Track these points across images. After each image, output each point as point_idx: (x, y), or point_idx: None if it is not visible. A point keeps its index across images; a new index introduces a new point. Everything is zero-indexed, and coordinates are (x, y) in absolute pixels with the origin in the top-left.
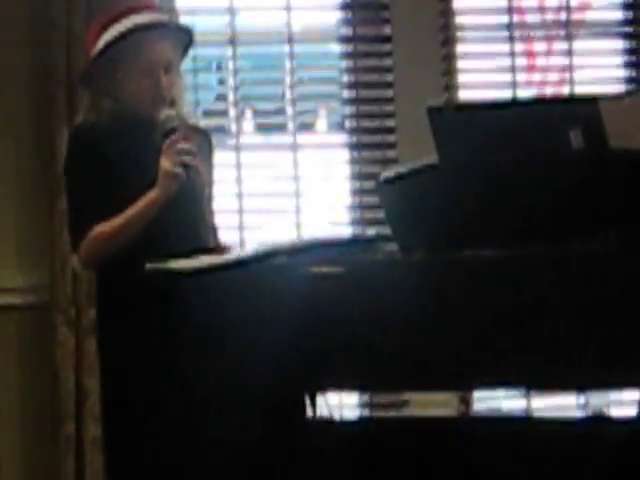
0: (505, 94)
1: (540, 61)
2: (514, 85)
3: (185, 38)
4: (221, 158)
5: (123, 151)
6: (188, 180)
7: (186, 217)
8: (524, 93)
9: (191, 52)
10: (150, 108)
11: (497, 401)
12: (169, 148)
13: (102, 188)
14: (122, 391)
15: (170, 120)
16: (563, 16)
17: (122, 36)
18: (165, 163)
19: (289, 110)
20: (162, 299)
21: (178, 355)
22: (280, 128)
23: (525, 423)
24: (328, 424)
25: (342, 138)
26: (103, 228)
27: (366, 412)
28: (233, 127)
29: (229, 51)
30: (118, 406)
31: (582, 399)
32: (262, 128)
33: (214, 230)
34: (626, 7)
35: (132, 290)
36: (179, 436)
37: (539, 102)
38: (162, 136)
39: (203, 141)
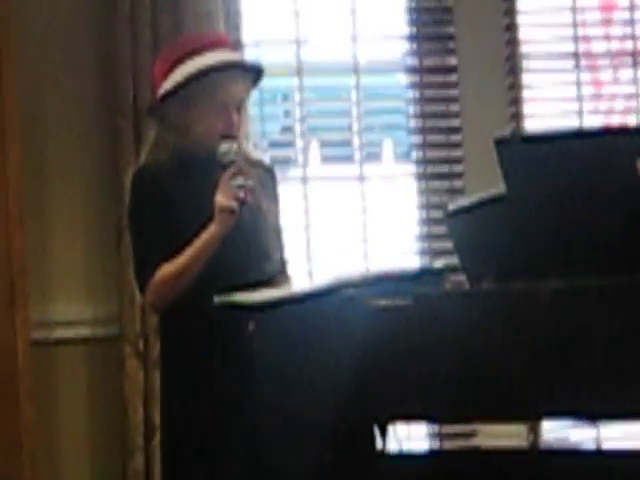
0: (571, 123)
1: (606, 90)
2: (580, 114)
3: (255, 74)
4: (287, 190)
5: (184, 190)
6: (248, 215)
7: (245, 252)
8: (590, 122)
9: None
10: (216, 143)
11: (566, 430)
12: (225, 182)
13: (164, 230)
14: (187, 425)
15: (228, 154)
16: (629, 44)
17: (199, 74)
18: (220, 198)
19: (355, 141)
20: (231, 332)
21: (248, 388)
22: (346, 159)
23: (595, 456)
24: (398, 456)
25: (409, 168)
26: (166, 269)
27: (435, 442)
28: (299, 158)
29: (295, 82)
30: (182, 442)
31: None
32: (328, 159)
33: (283, 263)
34: None
35: (199, 324)
36: (245, 472)
37: (606, 132)
38: (222, 168)
39: (266, 175)
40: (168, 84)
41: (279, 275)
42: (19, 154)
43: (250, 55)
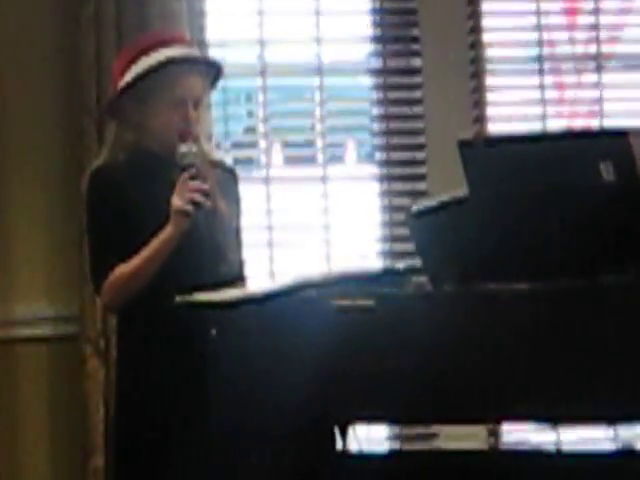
0: (535, 127)
1: (570, 94)
2: (544, 118)
3: (214, 72)
4: (250, 190)
5: (141, 191)
6: (204, 217)
7: (200, 254)
8: (554, 126)
9: (221, 83)
10: (176, 142)
11: (526, 433)
12: (181, 185)
13: (120, 230)
14: (141, 424)
15: (187, 156)
16: (593, 48)
17: (153, 69)
18: (176, 200)
19: (319, 142)
20: (191, 331)
21: (206, 387)
22: (310, 160)
23: (555, 457)
24: (358, 457)
25: (372, 170)
26: (121, 270)
27: (395, 444)
28: (262, 159)
29: (259, 83)
30: (135, 442)
31: (612, 432)
32: (291, 160)
33: (241, 264)
34: None
35: (156, 324)
36: (205, 471)
37: (569, 135)
38: (180, 170)
39: (227, 177)
40: (124, 81)
41: (236, 277)
42: None
43: (214, 55)
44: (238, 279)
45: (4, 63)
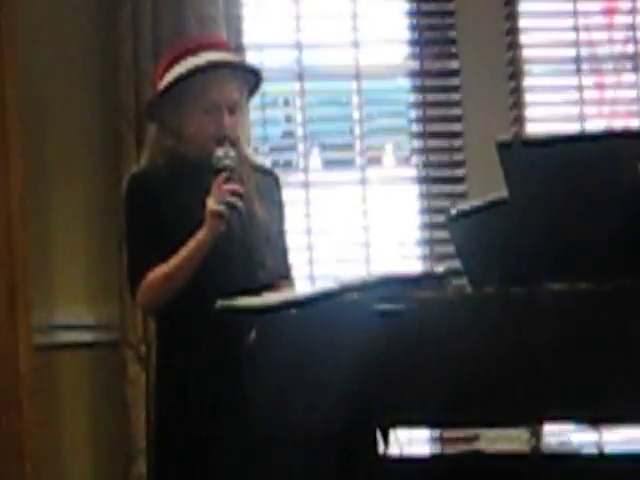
0: (573, 127)
1: (608, 94)
2: (582, 118)
3: (253, 79)
4: (289, 194)
5: (178, 197)
6: (239, 223)
7: (237, 259)
8: (592, 126)
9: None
10: (211, 147)
11: (568, 434)
12: (216, 188)
13: (157, 235)
14: (181, 428)
15: (222, 159)
16: (631, 48)
17: (190, 73)
18: (211, 203)
19: (357, 145)
20: (233, 335)
21: (247, 391)
22: (348, 163)
23: (596, 459)
24: (399, 460)
25: (410, 172)
26: (156, 273)
27: (437, 447)
28: (301, 163)
29: (297, 87)
30: (174, 446)
31: None
32: (330, 163)
33: (287, 268)
34: None
35: (194, 329)
36: (245, 474)
37: (608, 135)
38: (215, 173)
39: (268, 181)
40: (162, 84)
41: (279, 281)
42: (21, 158)
43: (251, 59)
44: (284, 283)
45: (43, 69)
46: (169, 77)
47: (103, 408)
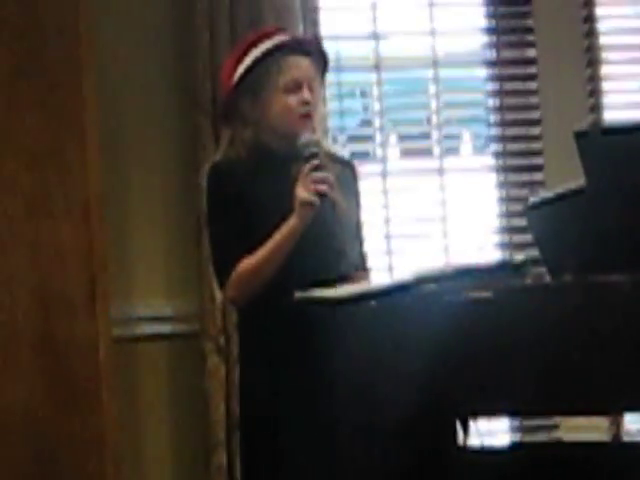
0: None
1: None
2: None
3: (323, 58)
4: (367, 184)
5: (260, 187)
6: (323, 213)
7: (323, 250)
8: None
9: (336, 78)
10: (297, 125)
11: None
12: (306, 175)
13: (242, 226)
14: (264, 421)
15: (310, 145)
16: None
17: (262, 57)
18: (300, 191)
19: (434, 134)
20: (313, 327)
21: (327, 383)
22: (426, 153)
23: None
24: (479, 451)
25: (488, 161)
26: (247, 264)
27: (517, 436)
28: (379, 152)
29: (374, 76)
30: (258, 436)
31: None
32: (407, 153)
33: (363, 257)
34: None
35: (277, 320)
36: (322, 465)
37: None
38: (302, 160)
39: (345, 171)
40: (234, 78)
41: (357, 271)
42: (99, 151)
43: (328, 49)
44: (361, 273)
45: (119, 62)
46: (242, 67)
47: (183, 400)
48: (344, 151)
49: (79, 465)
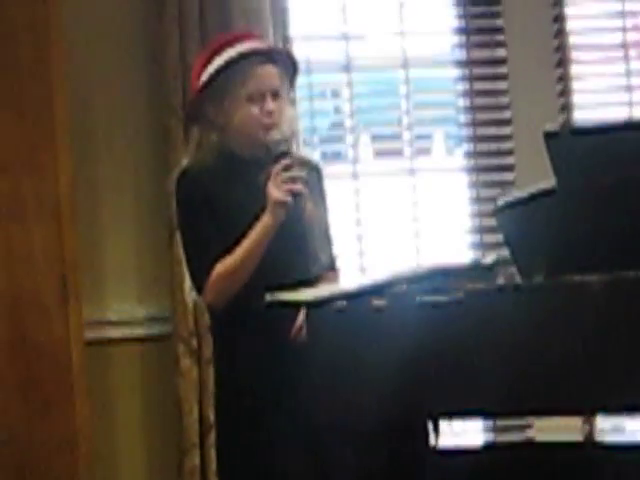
0: (621, 114)
1: None
2: (630, 104)
3: (291, 67)
4: (338, 185)
5: (229, 191)
6: (292, 216)
7: (286, 250)
8: None
9: (306, 79)
10: (259, 134)
11: (621, 419)
12: (277, 174)
13: (214, 231)
14: (240, 422)
15: (280, 144)
16: None
17: (227, 65)
18: (273, 191)
19: (406, 135)
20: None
21: (299, 386)
22: (397, 153)
23: None
24: (451, 452)
25: (459, 162)
26: (223, 266)
27: (490, 436)
28: (350, 154)
29: (344, 78)
30: (232, 436)
31: None
32: (379, 153)
33: (332, 259)
34: None
35: (249, 323)
36: (294, 465)
37: None
38: (273, 160)
39: (311, 174)
40: (200, 83)
41: (326, 272)
42: (70, 154)
43: (298, 52)
44: (331, 274)
45: (90, 64)
46: (207, 73)
47: (155, 402)
48: (315, 152)
49: (52, 468)
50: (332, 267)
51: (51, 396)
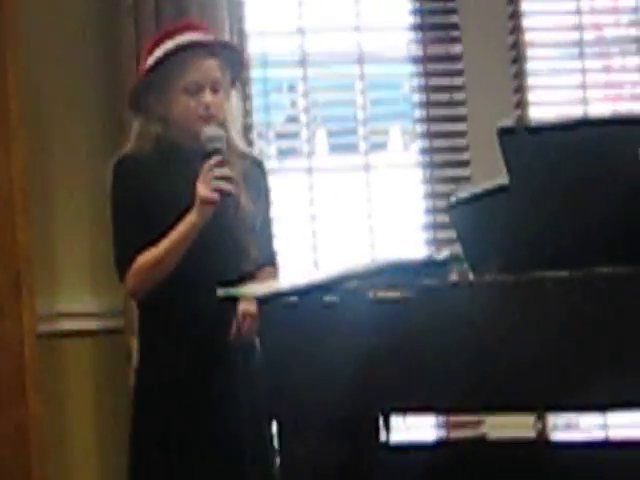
0: (577, 111)
1: (613, 77)
2: (585, 102)
3: (235, 58)
4: (293, 180)
5: (164, 181)
6: (226, 209)
7: (221, 247)
8: (596, 109)
9: (262, 73)
10: (196, 127)
11: (573, 415)
12: (207, 171)
13: (142, 220)
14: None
15: (213, 140)
16: (635, 31)
17: (165, 56)
18: (201, 188)
19: (361, 130)
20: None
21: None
22: (352, 149)
23: (604, 446)
24: (402, 447)
25: (414, 157)
26: (144, 258)
27: (441, 431)
28: (305, 148)
29: (300, 72)
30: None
31: None
32: (334, 149)
33: (271, 255)
34: None
35: (179, 317)
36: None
37: (609, 121)
38: (203, 156)
39: (253, 169)
40: (139, 74)
41: (260, 269)
42: (23, 146)
43: (254, 45)
44: (268, 271)
45: (44, 57)
46: (147, 64)
47: (108, 396)
48: (271, 147)
49: (3, 461)
50: (271, 263)
51: (3, 389)
